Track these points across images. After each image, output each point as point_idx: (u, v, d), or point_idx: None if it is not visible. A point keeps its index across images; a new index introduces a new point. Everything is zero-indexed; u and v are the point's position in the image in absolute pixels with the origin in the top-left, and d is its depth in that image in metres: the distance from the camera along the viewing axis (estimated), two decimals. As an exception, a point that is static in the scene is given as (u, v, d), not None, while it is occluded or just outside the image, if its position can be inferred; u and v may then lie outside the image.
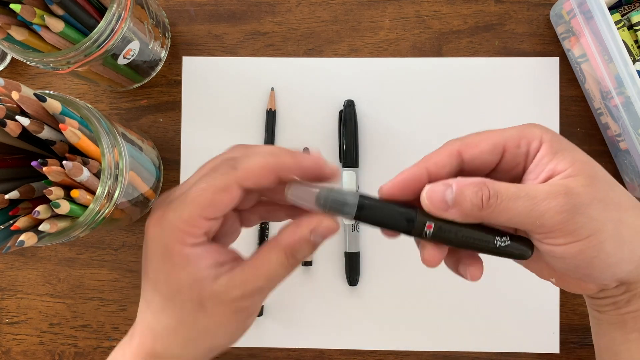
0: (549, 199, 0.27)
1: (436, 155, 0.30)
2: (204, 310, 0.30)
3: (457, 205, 0.28)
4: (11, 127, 0.31)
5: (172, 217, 0.29)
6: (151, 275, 0.31)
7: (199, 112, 0.47)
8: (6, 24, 0.35)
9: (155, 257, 0.30)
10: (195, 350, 0.32)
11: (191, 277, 0.30)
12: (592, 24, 0.40)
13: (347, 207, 0.28)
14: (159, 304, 0.31)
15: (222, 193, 0.29)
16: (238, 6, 0.47)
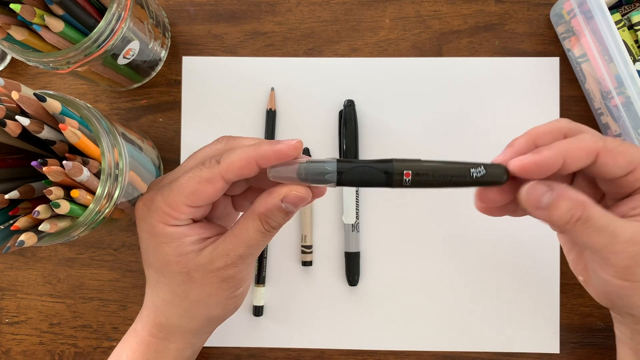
0: (627, 244, 0.30)
1: (577, 149, 0.30)
2: (193, 281, 0.33)
3: (548, 209, 0.30)
4: (11, 127, 0.31)
5: (159, 200, 0.32)
6: (143, 252, 0.35)
7: (199, 112, 0.47)
8: (6, 23, 0.35)
9: (144, 234, 0.34)
10: (194, 320, 0.36)
11: (176, 252, 0.33)
12: (593, 24, 0.40)
13: (328, 174, 0.30)
14: (154, 278, 0.35)
15: (206, 184, 0.31)
16: (238, 6, 0.47)
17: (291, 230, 0.46)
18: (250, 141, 0.34)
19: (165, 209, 0.32)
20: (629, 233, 0.30)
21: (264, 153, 0.31)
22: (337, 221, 0.46)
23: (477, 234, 0.45)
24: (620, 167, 0.31)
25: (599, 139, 0.31)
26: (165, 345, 0.37)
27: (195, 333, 0.37)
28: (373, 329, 0.46)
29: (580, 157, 0.30)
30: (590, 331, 0.46)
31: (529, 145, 0.32)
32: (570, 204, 0.30)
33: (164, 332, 0.36)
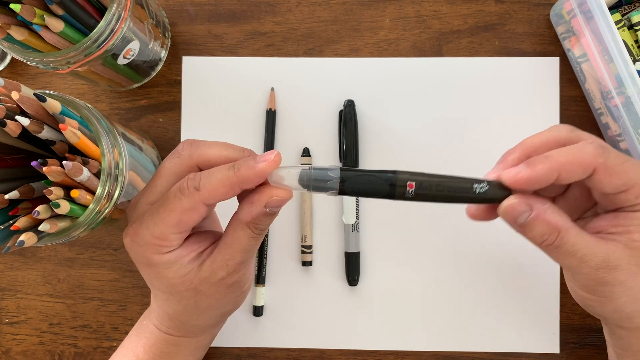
0: (594, 269, 0.31)
1: (573, 163, 0.31)
2: (201, 293, 0.34)
3: (524, 228, 0.31)
4: (11, 127, 0.31)
5: (145, 234, 0.32)
6: (145, 277, 0.35)
7: (198, 112, 0.47)
8: (6, 23, 0.35)
9: (140, 265, 0.34)
10: (210, 319, 0.37)
11: (178, 274, 0.33)
12: (593, 23, 0.40)
13: (330, 182, 0.29)
14: (163, 298, 0.36)
15: (189, 212, 0.31)
16: (238, 6, 0.47)
17: (291, 230, 0.46)
18: (216, 150, 0.33)
19: (154, 241, 0.32)
20: (598, 259, 0.31)
21: (246, 177, 0.30)
22: (337, 221, 0.46)
23: (477, 234, 0.45)
24: (614, 187, 0.31)
25: (600, 153, 0.31)
26: (186, 339, 0.38)
27: (212, 326, 0.39)
28: (373, 329, 0.46)
29: (576, 172, 0.31)
30: (590, 331, 0.46)
31: (522, 160, 0.32)
32: (545, 228, 0.31)
33: (182, 330, 0.37)
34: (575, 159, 0.31)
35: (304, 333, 0.46)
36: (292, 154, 0.46)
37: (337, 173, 0.29)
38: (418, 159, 0.46)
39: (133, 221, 0.33)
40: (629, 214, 0.32)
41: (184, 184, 0.32)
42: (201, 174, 0.32)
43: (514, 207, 0.31)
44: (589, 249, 0.31)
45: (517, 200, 0.31)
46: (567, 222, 0.31)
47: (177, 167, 0.33)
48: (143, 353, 0.38)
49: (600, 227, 0.32)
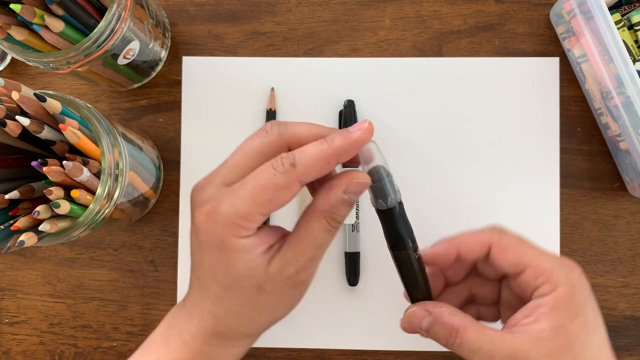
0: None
1: (471, 242, 0.34)
2: (264, 292, 0.31)
3: (428, 333, 0.33)
4: (11, 127, 0.31)
5: (228, 212, 0.29)
6: (207, 266, 0.32)
7: (199, 112, 0.47)
8: (6, 24, 0.35)
9: (210, 248, 0.31)
10: (258, 327, 0.34)
11: (248, 266, 0.30)
12: (592, 24, 0.40)
13: (389, 199, 0.30)
14: (218, 292, 0.32)
15: (283, 191, 0.29)
16: (238, 6, 0.47)
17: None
18: (305, 127, 0.31)
19: (237, 220, 0.29)
20: (503, 353, 0.31)
21: (341, 147, 0.29)
22: (337, 221, 0.46)
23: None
24: (509, 264, 0.33)
25: (496, 233, 0.34)
26: (222, 351, 0.34)
27: (255, 337, 0.36)
28: (373, 329, 0.46)
29: (474, 250, 0.34)
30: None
31: (450, 250, 0.35)
32: (444, 330, 0.32)
33: (222, 340, 0.34)
34: (473, 238, 0.34)
35: (304, 333, 0.46)
36: (292, 154, 0.46)
37: (395, 201, 0.31)
38: (418, 159, 0.46)
39: (206, 201, 0.30)
40: (536, 301, 0.32)
41: (279, 161, 0.29)
42: (294, 151, 0.30)
43: (414, 313, 0.33)
44: (492, 344, 0.31)
45: (415, 308, 0.33)
46: (464, 320, 0.32)
47: (266, 147, 0.30)
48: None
49: (515, 320, 0.33)
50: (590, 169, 0.46)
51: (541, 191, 0.45)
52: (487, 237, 0.34)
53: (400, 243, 0.32)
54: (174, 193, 0.47)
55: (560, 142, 0.46)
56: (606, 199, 0.45)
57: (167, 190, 0.47)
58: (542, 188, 0.45)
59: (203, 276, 0.32)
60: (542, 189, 0.45)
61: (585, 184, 0.46)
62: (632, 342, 0.45)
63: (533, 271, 0.32)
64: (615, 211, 0.45)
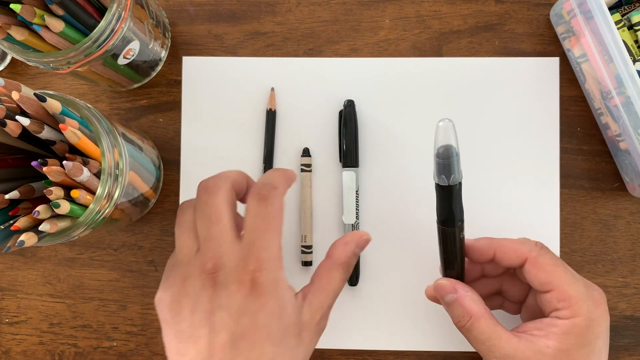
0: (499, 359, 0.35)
1: (509, 250, 0.37)
2: (302, 340, 0.33)
3: (447, 306, 0.37)
4: (11, 127, 0.31)
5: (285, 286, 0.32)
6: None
7: (199, 112, 0.47)
8: (6, 24, 0.35)
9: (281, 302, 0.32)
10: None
11: (290, 321, 0.32)
12: (592, 24, 0.40)
13: (452, 177, 0.33)
14: (269, 356, 0.31)
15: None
16: (238, 6, 0.47)
17: (291, 230, 0.46)
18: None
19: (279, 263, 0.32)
20: (503, 352, 0.34)
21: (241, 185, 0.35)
22: (337, 221, 0.46)
23: (477, 234, 0.45)
24: (539, 281, 0.35)
25: (536, 250, 0.36)
26: None
27: None
28: (373, 329, 0.46)
29: (510, 258, 0.36)
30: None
31: (488, 250, 0.38)
32: (460, 311, 0.36)
33: None
34: (513, 246, 0.36)
35: (304, 333, 0.46)
36: (292, 154, 0.46)
37: (457, 180, 0.33)
38: (418, 159, 0.46)
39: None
40: (552, 320, 0.35)
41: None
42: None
43: (442, 286, 0.37)
44: (497, 340, 0.34)
45: (446, 282, 0.37)
46: (482, 311, 0.35)
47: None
48: None
49: (527, 328, 0.36)
50: (590, 169, 0.46)
51: (541, 191, 0.45)
52: (526, 250, 0.36)
53: (451, 220, 0.34)
54: (174, 193, 0.47)
55: (560, 142, 0.46)
56: (606, 199, 0.45)
57: (167, 190, 0.47)
58: (542, 188, 0.45)
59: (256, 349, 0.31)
60: (542, 189, 0.45)
61: (585, 184, 0.46)
62: (632, 342, 0.45)
63: (558, 294, 0.34)
64: (615, 211, 0.45)
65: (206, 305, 0.32)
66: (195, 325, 0.32)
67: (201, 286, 0.32)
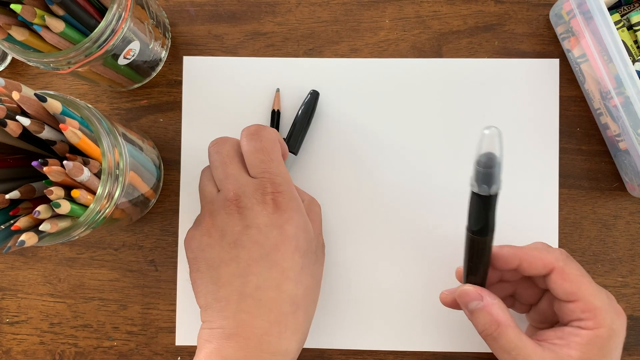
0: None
1: (536, 260, 0.36)
2: (317, 258, 0.40)
3: (471, 314, 0.36)
4: (12, 127, 0.31)
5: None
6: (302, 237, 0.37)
7: (199, 112, 0.47)
8: (7, 24, 0.35)
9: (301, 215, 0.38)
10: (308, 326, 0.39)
11: (311, 235, 0.39)
12: (592, 24, 0.40)
13: (493, 187, 0.32)
14: (299, 265, 0.37)
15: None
16: (238, 6, 0.47)
17: (291, 230, 0.46)
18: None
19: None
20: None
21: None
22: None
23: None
24: (564, 291, 0.35)
25: (562, 259, 0.35)
26: None
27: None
28: (373, 329, 0.46)
29: (536, 268, 0.36)
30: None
31: (514, 259, 0.37)
32: (488, 319, 0.35)
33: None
34: (540, 255, 0.36)
35: (304, 333, 0.46)
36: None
37: (497, 189, 0.32)
38: (417, 159, 0.46)
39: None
40: (574, 329, 0.35)
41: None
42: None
43: (467, 293, 0.36)
44: (524, 350, 0.34)
45: (471, 289, 0.36)
46: (508, 319, 0.35)
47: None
48: None
49: (547, 337, 0.36)
50: (589, 169, 0.46)
51: (540, 191, 0.45)
52: (552, 260, 0.35)
53: (485, 230, 0.33)
54: (174, 193, 0.47)
55: (560, 142, 0.46)
56: (605, 199, 0.46)
57: (167, 190, 0.47)
58: (542, 188, 0.45)
59: (279, 257, 0.36)
60: (542, 189, 0.45)
61: (584, 183, 0.46)
62: (632, 342, 0.45)
63: (583, 305, 0.34)
64: (614, 211, 0.45)
65: (234, 229, 0.35)
66: (225, 249, 0.35)
67: (227, 214, 0.36)
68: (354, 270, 0.46)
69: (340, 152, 0.46)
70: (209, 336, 0.34)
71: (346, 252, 0.46)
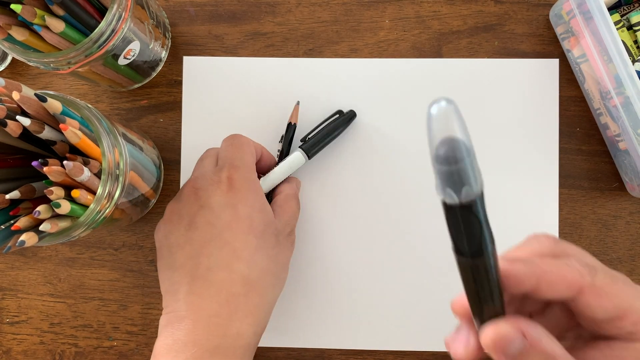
0: None
1: (557, 279, 0.26)
2: (279, 242, 0.40)
3: (518, 358, 0.25)
4: (12, 127, 0.31)
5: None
6: (253, 218, 0.38)
7: (199, 112, 0.47)
8: (7, 24, 0.35)
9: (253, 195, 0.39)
10: (273, 304, 0.41)
11: (269, 218, 0.40)
12: (592, 24, 0.40)
13: (464, 190, 0.20)
14: (253, 245, 0.37)
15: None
16: (238, 6, 0.47)
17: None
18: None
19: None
20: None
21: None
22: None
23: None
24: (604, 311, 0.26)
25: (587, 272, 0.27)
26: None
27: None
28: (373, 329, 0.46)
29: (559, 288, 0.26)
30: (589, 331, 0.46)
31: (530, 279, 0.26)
32: (542, 356, 0.25)
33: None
34: (559, 272, 0.26)
35: (304, 333, 0.46)
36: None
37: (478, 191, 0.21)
38: (417, 159, 0.46)
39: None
40: (626, 344, 0.27)
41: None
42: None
43: (506, 337, 0.25)
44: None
45: (507, 327, 0.25)
46: (562, 351, 0.26)
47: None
48: None
49: (593, 358, 0.28)
50: (589, 169, 0.46)
51: (540, 191, 0.45)
52: (577, 275, 0.26)
53: (477, 250, 0.22)
54: (174, 193, 0.47)
55: (560, 142, 0.46)
56: (605, 199, 0.46)
57: (167, 190, 0.47)
58: (541, 188, 0.46)
59: (238, 238, 0.37)
60: (542, 189, 0.46)
61: (584, 184, 0.46)
62: (632, 341, 0.45)
63: (633, 317, 0.27)
64: (614, 211, 0.45)
65: (190, 211, 0.36)
66: (182, 232, 0.36)
67: (186, 197, 0.37)
68: (354, 270, 0.46)
69: (340, 152, 0.46)
70: (165, 321, 0.35)
71: (346, 253, 0.46)
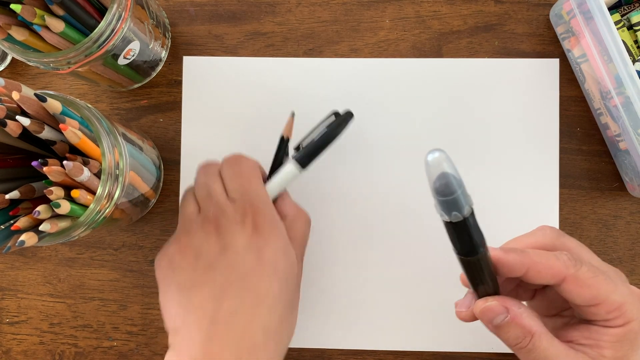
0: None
1: (544, 268, 0.32)
2: (297, 283, 0.37)
3: (497, 329, 0.32)
4: (12, 127, 0.31)
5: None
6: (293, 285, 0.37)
7: (199, 112, 0.47)
8: (6, 24, 0.35)
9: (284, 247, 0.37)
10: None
11: (293, 260, 0.37)
12: (592, 24, 0.40)
13: (464, 209, 0.27)
14: (276, 291, 0.35)
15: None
16: (238, 6, 0.47)
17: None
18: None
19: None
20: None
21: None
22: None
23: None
24: (583, 299, 0.32)
25: (572, 264, 0.32)
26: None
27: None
28: (373, 329, 0.46)
29: (546, 277, 0.32)
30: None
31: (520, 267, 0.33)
32: (519, 331, 0.31)
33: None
34: (547, 263, 0.31)
35: (305, 333, 0.46)
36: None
37: (468, 210, 0.28)
38: (417, 159, 0.46)
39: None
40: (601, 328, 0.32)
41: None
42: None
43: (492, 308, 0.32)
44: (558, 357, 0.31)
45: (494, 302, 0.32)
46: (540, 327, 0.32)
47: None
48: None
49: (573, 337, 0.33)
50: (589, 169, 0.46)
51: (540, 191, 0.45)
52: (562, 267, 0.32)
53: (472, 250, 0.29)
54: (174, 193, 0.47)
55: (560, 142, 0.46)
56: (605, 199, 0.46)
57: (167, 190, 0.47)
58: (542, 188, 0.45)
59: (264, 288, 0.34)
60: (542, 189, 0.45)
61: (584, 184, 0.46)
62: (632, 342, 0.45)
63: (607, 307, 0.32)
64: (614, 211, 0.45)
65: (210, 250, 0.34)
66: (199, 272, 0.34)
67: (205, 234, 0.34)
68: (354, 270, 0.46)
69: (340, 152, 0.46)
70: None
71: (346, 253, 0.46)
